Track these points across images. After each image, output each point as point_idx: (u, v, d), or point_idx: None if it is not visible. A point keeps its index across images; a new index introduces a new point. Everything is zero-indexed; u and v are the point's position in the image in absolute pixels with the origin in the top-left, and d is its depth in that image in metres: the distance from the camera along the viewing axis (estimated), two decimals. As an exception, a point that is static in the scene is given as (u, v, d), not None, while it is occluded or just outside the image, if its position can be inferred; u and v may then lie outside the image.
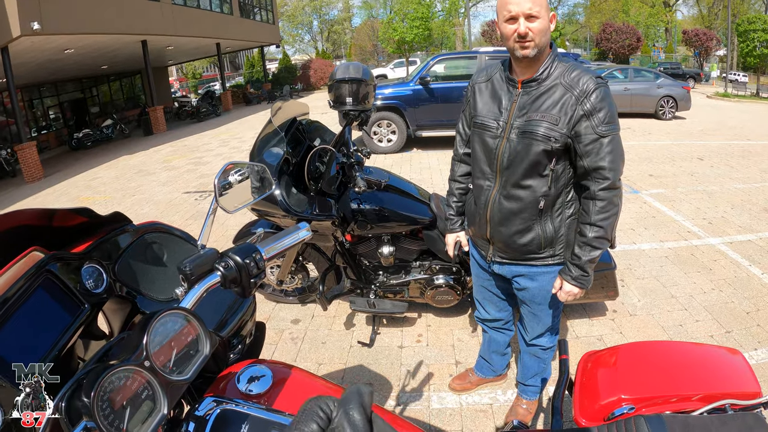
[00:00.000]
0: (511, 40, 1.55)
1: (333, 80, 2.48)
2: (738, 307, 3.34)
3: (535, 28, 1.51)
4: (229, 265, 1.00)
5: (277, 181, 2.35)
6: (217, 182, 1.14)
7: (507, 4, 1.52)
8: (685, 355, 1.48)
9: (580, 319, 3.16)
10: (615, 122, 1.56)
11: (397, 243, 2.76)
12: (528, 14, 1.50)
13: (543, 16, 1.52)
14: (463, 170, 1.98)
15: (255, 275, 1.03)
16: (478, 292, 2.09)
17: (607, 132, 1.54)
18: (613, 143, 1.55)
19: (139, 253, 1.31)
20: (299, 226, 1.17)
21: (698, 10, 43.39)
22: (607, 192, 1.57)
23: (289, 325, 3.27)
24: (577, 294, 1.68)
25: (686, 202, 5.69)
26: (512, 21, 1.53)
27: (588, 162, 1.56)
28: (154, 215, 6.27)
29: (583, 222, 1.62)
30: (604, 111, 1.53)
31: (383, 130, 8.94)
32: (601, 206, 1.58)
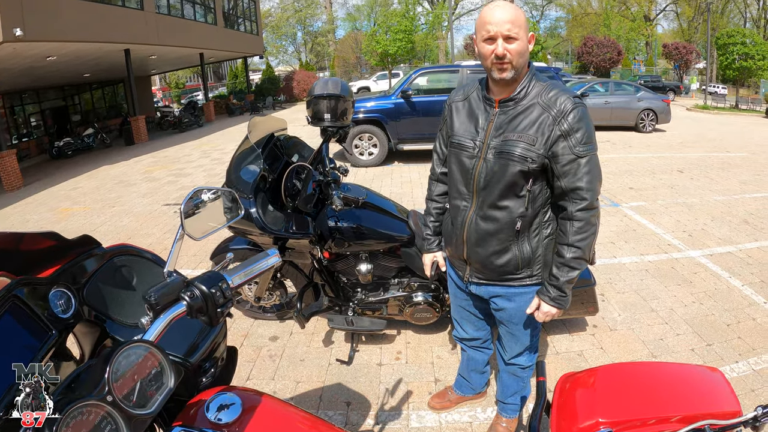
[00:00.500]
0: (489, 61, 1.54)
1: (311, 96, 2.44)
2: (718, 320, 3.36)
3: (513, 50, 1.50)
4: (194, 294, 0.99)
5: (253, 198, 2.30)
6: (183, 208, 1.11)
7: (486, 24, 1.51)
8: (663, 375, 1.46)
9: (560, 335, 3.14)
10: (592, 142, 1.55)
11: (375, 260, 2.73)
12: (507, 35, 1.49)
13: (522, 37, 1.51)
14: (440, 190, 1.96)
15: (222, 305, 1.02)
16: (455, 312, 2.07)
17: (585, 152, 1.53)
18: (590, 163, 1.54)
19: (108, 277, 1.28)
20: (268, 253, 1.14)
21: (678, 24, 44.53)
22: (585, 212, 1.56)
23: (267, 342, 3.20)
24: (555, 314, 1.66)
25: (666, 214, 5.75)
26: (490, 41, 1.52)
27: (565, 182, 1.55)
28: (133, 227, 6.16)
29: (561, 243, 1.61)
30: (581, 131, 1.52)
31: (364, 144, 8.92)
32: (578, 227, 1.56)
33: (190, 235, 1.12)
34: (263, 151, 2.47)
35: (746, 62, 23.78)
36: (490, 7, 1.53)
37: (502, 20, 1.48)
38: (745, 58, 23.75)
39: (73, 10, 11.47)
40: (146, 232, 5.88)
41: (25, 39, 9.77)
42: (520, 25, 1.50)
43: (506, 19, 1.48)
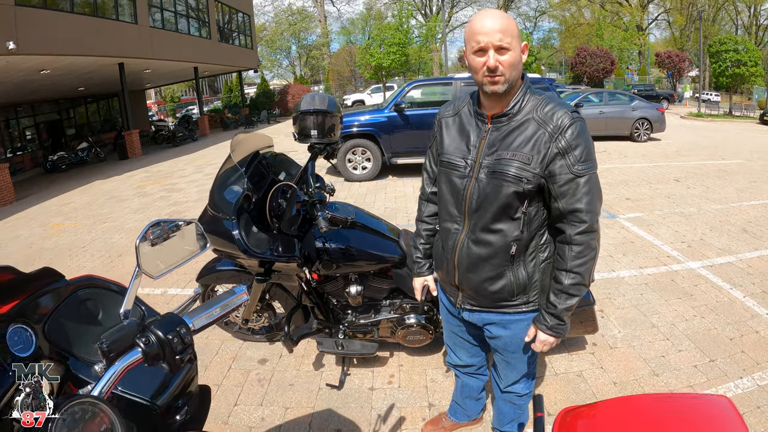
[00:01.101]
0: (480, 74, 1.44)
1: (297, 111, 2.36)
2: (721, 334, 3.27)
3: (505, 62, 1.40)
4: (150, 340, 0.92)
5: (236, 219, 2.20)
6: (138, 244, 1.02)
7: (475, 35, 1.41)
8: (668, 409, 1.36)
9: (559, 354, 3.04)
10: (592, 159, 1.45)
11: (365, 282, 2.62)
12: (498, 46, 1.39)
13: (515, 47, 1.41)
14: (430, 210, 1.86)
15: (180, 351, 0.94)
16: (448, 338, 1.96)
17: (584, 171, 1.43)
18: (590, 183, 1.44)
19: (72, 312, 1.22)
20: (235, 291, 1.05)
21: (670, 32, 44.95)
22: (584, 236, 1.46)
23: (256, 365, 3.09)
24: (553, 343, 1.56)
25: (664, 225, 5.68)
26: (481, 53, 1.42)
27: (563, 204, 1.45)
28: (123, 244, 6.04)
29: (559, 268, 1.50)
30: (580, 148, 1.42)
31: (358, 158, 8.83)
32: (577, 251, 1.46)
33: (147, 273, 1.03)
34: (247, 170, 2.37)
35: (739, 69, 23.94)
36: (480, 16, 1.44)
37: (493, 30, 1.38)
38: (738, 65, 23.91)
39: (66, 24, 11.51)
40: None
41: (17, 52, 9.80)
42: (512, 35, 1.40)
43: (497, 28, 1.38)
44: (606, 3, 44.32)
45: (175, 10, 18.21)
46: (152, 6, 16.29)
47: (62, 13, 11.55)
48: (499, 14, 1.43)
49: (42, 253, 6.01)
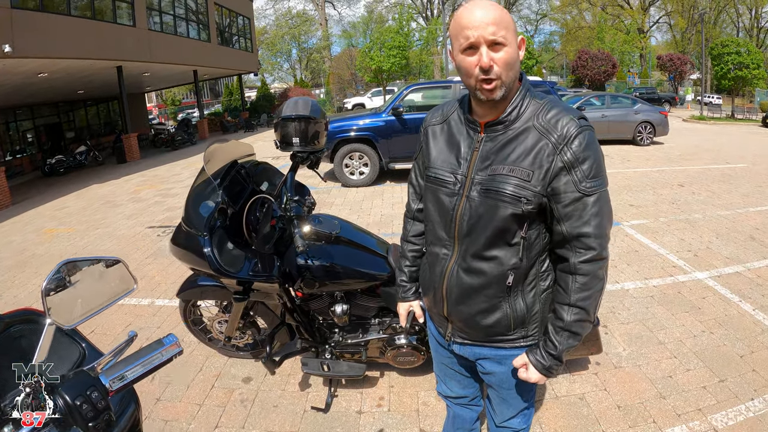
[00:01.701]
0: (472, 78, 1.21)
1: (278, 118, 2.19)
2: (731, 351, 3.11)
3: (501, 59, 1.17)
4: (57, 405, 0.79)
5: (208, 236, 2.04)
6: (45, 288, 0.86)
7: (464, 29, 1.17)
8: None
9: (560, 376, 2.86)
10: (602, 175, 1.24)
11: (352, 300, 2.45)
12: (492, 41, 1.16)
13: (511, 42, 1.18)
14: (417, 229, 1.64)
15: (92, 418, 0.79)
16: (438, 368, 1.75)
17: (593, 189, 1.21)
18: (599, 203, 1.23)
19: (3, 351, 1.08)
20: (163, 342, 0.89)
21: (672, 35, 44.82)
22: (591, 264, 1.25)
23: (239, 384, 2.93)
24: (541, 382, 1.36)
25: (669, 233, 5.51)
26: (471, 51, 1.19)
27: (568, 227, 1.24)
28: (114, 251, 5.91)
29: (561, 302, 1.29)
30: (588, 162, 1.20)
31: (355, 163, 8.65)
32: (582, 283, 1.26)
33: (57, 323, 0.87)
34: (223, 181, 2.21)
35: (741, 71, 23.77)
36: (468, 7, 1.20)
37: (484, 22, 1.15)
38: (740, 68, 23.74)
39: (64, 27, 11.45)
40: (127, 256, 5.62)
41: (14, 55, 9.77)
42: (507, 27, 1.17)
43: (489, 20, 1.15)
44: (607, 6, 44.27)
45: (175, 13, 18.13)
46: (151, 9, 16.22)
47: (60, 15, 11.49)
48: (491, 4, 1.19)
49: (33, 260, 5.89)
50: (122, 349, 0.93)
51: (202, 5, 20.61)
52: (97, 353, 1.28)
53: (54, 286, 0.91)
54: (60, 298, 0.92)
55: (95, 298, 0.99)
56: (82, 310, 0.93)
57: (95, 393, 0.78)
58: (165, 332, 3.63)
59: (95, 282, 1.00)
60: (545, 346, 1.32)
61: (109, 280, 1.03)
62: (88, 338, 1.33)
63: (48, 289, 0.89)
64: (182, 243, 2.19)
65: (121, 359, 0.91)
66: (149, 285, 4.60)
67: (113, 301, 1.02)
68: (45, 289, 0.89)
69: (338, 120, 8.78)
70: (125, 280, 1.04)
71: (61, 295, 0.93)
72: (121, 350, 0.93)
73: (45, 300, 0.88)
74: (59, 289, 0.93)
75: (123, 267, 1.04)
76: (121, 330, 3.71)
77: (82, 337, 1.32)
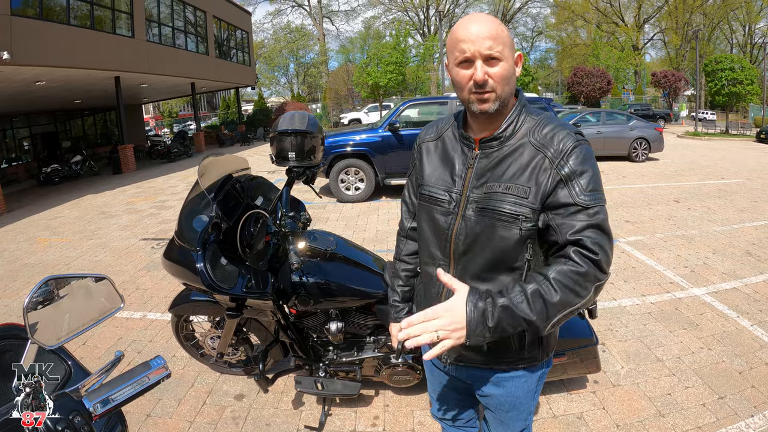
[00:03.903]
0: (466, 90, 1.19)
1: (275, 132, 2.17)
2: (729, 367, 3.08)
3: (496, 74, 1.16)
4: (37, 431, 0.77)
5: (201, 251, 2.00)
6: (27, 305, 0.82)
7: (459, 42, 1.16)
8: None
9: (557, 394, 2.82)
10: (600, 190, 1.19)
11: (347, 318, 2.40)
12: (487, 55, 1.14)
13: (507, 57, 1.17)
14: (410, 248, 1.59)
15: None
16: (432, 390, 1.70)
17: (591, 202, 1.15)
18: (599, 216, 1.16)
19: None
20: (151, 365, 0.85)
21: (666, 52, 45.36)
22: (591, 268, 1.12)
23: (231, 401, 2.87)
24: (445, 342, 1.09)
25: (666, 249, 5.50)
26: (466, 64, 1.17)
27: (565, 234, 1.15)
28: (107, 263, 5.84)
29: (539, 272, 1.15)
30: (586, 176, 1.17)
31: (351, 178, 8.64)
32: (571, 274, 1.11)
33: (40, 342, 0.83)
34: (217, 195, 2.18)
35: (735, 87, 24.01)
36: (465, 21, 1.19)
37: (481, 36, 1.14)
38: (734, 84, 23.98)
39: (63, 36, 11.49)
40: (119, 268, 5.56)
41: (12, 63, 9.76)
42: (503, 42, 1.16)
43: (486, 34, 1.14)
44: (602, 23, 44.85)
45: (173, 26, 18.21)
46: (150, 20, 16.29)
47: (59, 24, 11.51)
48: (488, 18, 1.18)
49: (24, 269, 5.82)
50: (108, 370, 0.89)
51: (200, 18, 20.73)
52: (83, 372, 1.24)
53: (37, 304, 0.88)
54: (44, 315, 0.89)
55: (80, 317, 0.96)
56: (66, 328, 0.90)
57: (78, 417, 0.76)
58: (157, 346, 3.58)
59: (80, 300, 0.96)
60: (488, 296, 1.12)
61: (95, 298, 1.00)
62: (77, 353, 1.29)
63: (30, 306, 0.86)
64: (175, 258, 2.15)
65: (106, 381, 0.88)
66: (142, 298, 4.53)
67: (99, 320, 0.98)
68: (27, 307, 0.85)
69: (335, 135, 8.79)
70: (112, 298, 1.01)
71: (45, 312, 0.89)
72: (107, 371, 0.89)
73: (27, 318, 0.85)
74: (43, 306, 0.90)
75: (109, 284, 1.00)
76: (112, 343, 3.64)
77: (68, 354, 1.28)
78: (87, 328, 0.94)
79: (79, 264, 5.85)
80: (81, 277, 0.95)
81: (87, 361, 3.36)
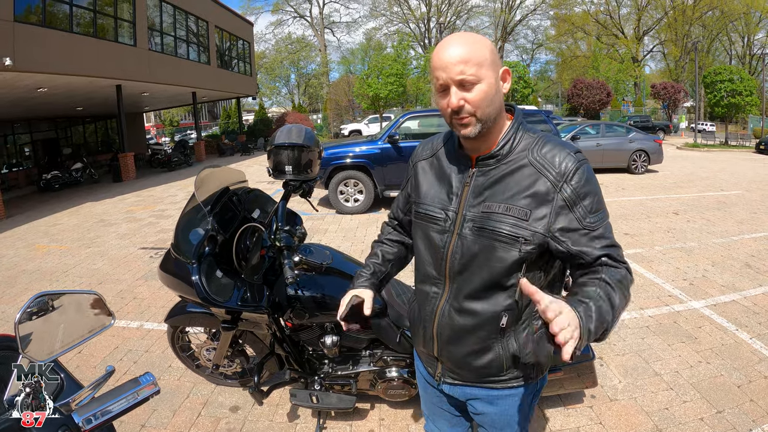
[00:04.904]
0: (448, 116, 1.18)
1: (272, 145, 2.18)
2: (728, 381, 3.07)
3: (472, 99, 1.13)
4: None
5: (197, 263, 2.00)
6: (19, 321, 0.83)
7: (435, 70, 1.15)
8: None
9: (554, 408, 2.80)
10: (603, 207, 1.19)
11: (342, 331, 2.40)
12: (459, 81, 1.12)
13: (485, 77, 1.13)
14: (394, 236, 1.58)
15: None
16: (426, 407, 1.68)
17: (597, 223, 1.16)
18: (605, 232, 1.17)
19: None
20: (140, 381, 0.85)
21: (665, 64, 45.61)
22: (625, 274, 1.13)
23: (227, 413, 2.85)
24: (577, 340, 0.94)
25: (665, 261, 5.50)
26: (444, 93, 1.16)
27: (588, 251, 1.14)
28: (105, 271, 5.83)
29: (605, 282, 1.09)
30: (590, 197, 1.16)
31: (350, 190, 8.65)
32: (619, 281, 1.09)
33: (31, 357, 0.83)
34: (213, 208, 2.18)
35: (734, 99, 24.10)
36: (440, 46, 1.15)
37: (451, 62, 1.11)
38: (733, 95, 24.08)
39: (65, 43, 11.56)
40: (117, 277, 5.56)
41: (15, 69, 9.81)
42: (479, 63, 1.11)
43: (457, 59, 1.11)
44: (602, 35, 45.14)
45: (175, 35, 18.35)
46: (152, 29, 16.40)
47: (61, 32, 11.58)
48: (464, 39, 1.14)
49: (22, 276, 5.82)
50: (99, 384, 0.89)
51: (203, 28, 20.89)
52: (75, 385, 1.24)
53: (29, 318, 0.89)
54: (35, 330, 0.89)
55: (71, 332, 0.96)
56: (57, 344, 0.90)
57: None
58: (153, 356, 3.56)
59: (71, 315, 0.97)
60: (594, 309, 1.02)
61: (86, 313, 1.00)
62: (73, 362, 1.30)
63: (22, 321, 0.86)
64: (171, 270, 2.14)
65: (97, 396, 0.88)
66: (139, 307, 4.52)
67: (89, 336, 0.99)
68: (18, 321, 0.86)
69: (334, 146, 8.81)
70: (102, 314, 1.01)
71: (36, 327, 0.90)
72: (98, 385, 0.89)
73: (18, 332, 0.85)
74: (34, 320, 0.90)
75: (100, 301, 1.00)
76: (108, 353, 3.63)
77: (60, 366, 1.28)
78: (77, 343, 0.95)
79: (77, 272, 5.85)
80: (72, 293, 0.96)
81: (82, 370, 3.35)
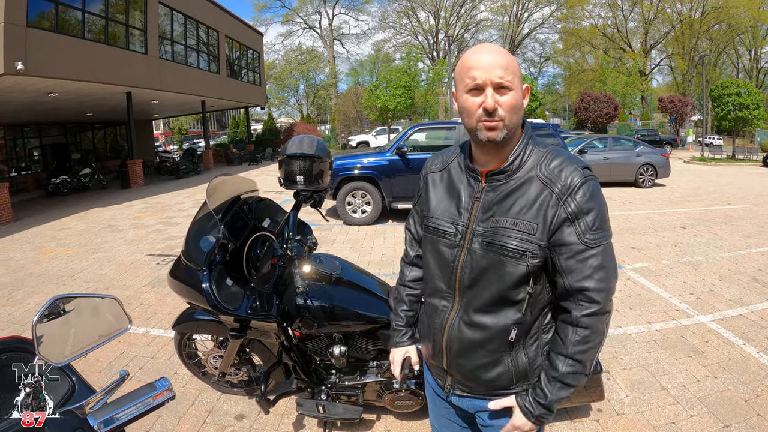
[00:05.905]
0: (474, 118, 1.19)
1: (283, 155, 2.20)
2: (735, 395, 3.04)
3: (506, 103, 1.16)
4: None
5: (207, 271, 2.02)
6: (36, 323, 0.84)
7: (470, 70, 1.17)
8: None
9: (560, 422, 2.79)
10: (606, 227, 1.20)
11: (351, 342, 2.40)
12: (498, 84, 1.15)
13: (516, 87, 1.18)
14: (414, 275, 1.59)
15: None
16: (434, 419, 1.67)
17: (597, 241, 1.18)
18: (603, 255, 1.19)
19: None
20: (156, 386, 0.86)
21: (673, 77, 45.64)
22: (593, 318, 1.20)
23: (232, 421, 2.85)
24: (526, 429, 1.28)
25: (672, 276, 5.47)
26: (476, 92, 1.18)
27: (570, 281, 1.20)
28: (112, 277, 5.87)
29: (557, 352, 1.24)
30: (593, 213, 1.17)
31: (358, 201, 8.67)
32: (582, 336, 1.20)
33: (47, 359, 0.85)
34: (225, 216, 2.21)
35: (741, 112, 24.00)
36: (476, 50, 1.20)
37: (492, 65, 1.15)
38: (741, 108, 23.98)
39: (77, 49, 11.70)
40: (124, 283, 5.59)
41: (26, 73, 9.97)
42: (514, 73, 1.17)
43: (497, 63, 1.15)
44: (609, 49, 45.31)
45: (186, 44, 18.56)
46: (163, 38, 16.60)
47: (73, 38, 11.76)
48: (499, 49, 1.20)
49: (29, 279, 5.88)
50: (113, 389, 0.90)
51: (213, 37, 21.13)
52: (87, 389, 1.25)
53: (46, 321, 0.90)
54: (51, 333, 0.91)
55: (88, 336, 0.97)
56: (73, 347, 0.91)
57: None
58: (159, 363, 3.57)
59: (88, 319, 0.98)
60: (535, 394, 1.27)
61: (103, 317, 1.02)
62: (79, 366, 1.31)
63: (39, 323, 0.88)
64: (181, 277, 2.16)
65: (111, 400, 0.89)
66: (145, 314, 4.55)
67: (106, 340, 1.00)
68: (36, 323, 0.87)
69: (342, 158, 8.85)
70: (119, 318, 1.02)
71: (52, 330, 0.91)
72: (111, 390, 0.90)
73: (35, 334, 0.87)
74: (51, 322, 0.91)
75: (117, 305, 1.02)
76: (114, 358, 3.65)
77: (72, 370, 1.29)
78: (94, 346, 0.96)
79: (84, 277, 5.89)
80: (90, 296, 0.97)
81: (88, 374, 3.37)
